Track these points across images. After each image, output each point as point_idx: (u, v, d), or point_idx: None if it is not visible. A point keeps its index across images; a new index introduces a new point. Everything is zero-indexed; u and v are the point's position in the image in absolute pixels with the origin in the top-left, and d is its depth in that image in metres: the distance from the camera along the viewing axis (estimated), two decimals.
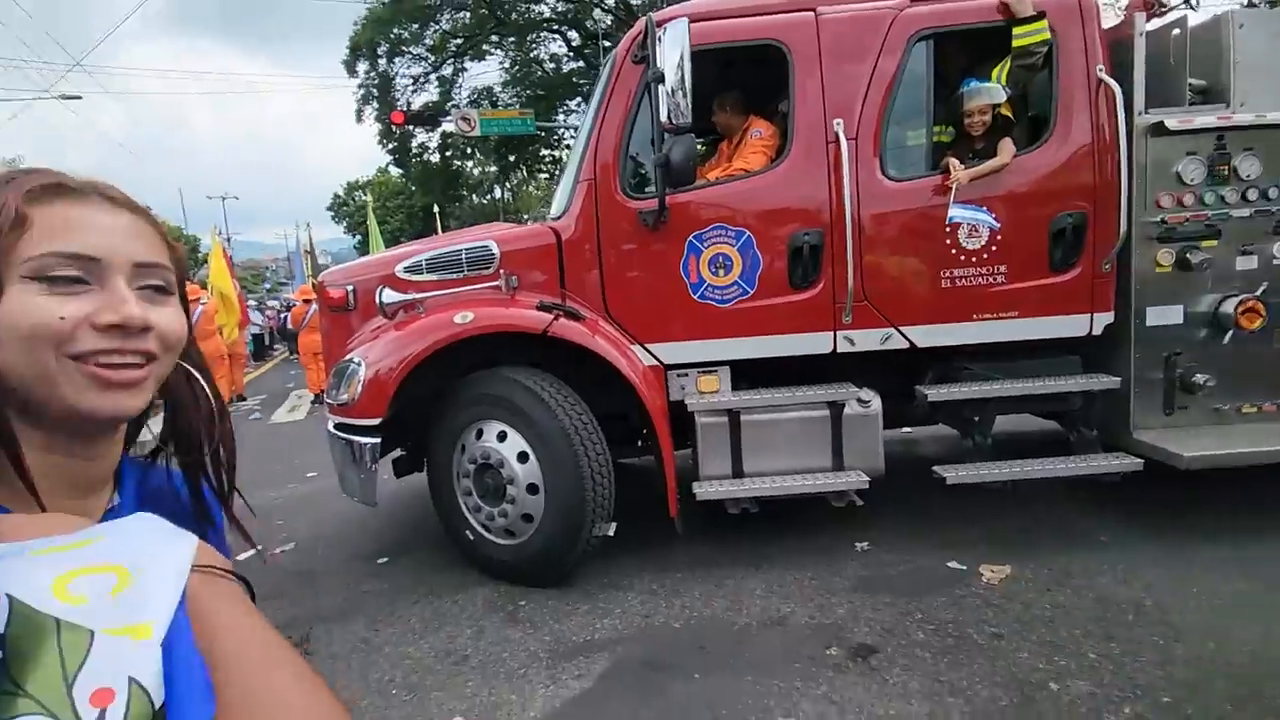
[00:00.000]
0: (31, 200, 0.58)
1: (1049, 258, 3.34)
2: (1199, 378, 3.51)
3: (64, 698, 0.29)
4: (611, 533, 3.30)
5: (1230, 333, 3.49)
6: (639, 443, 3.95)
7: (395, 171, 34.88)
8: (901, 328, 3.40)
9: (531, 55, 23.61)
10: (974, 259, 3.34)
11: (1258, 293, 3.46)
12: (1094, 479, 3.44)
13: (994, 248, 3.34)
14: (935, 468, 3.43)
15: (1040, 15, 3.18)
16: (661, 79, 2.91)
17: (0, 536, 0.43)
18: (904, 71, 3.33)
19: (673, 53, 2.88)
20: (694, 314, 3.37)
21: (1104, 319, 3.40)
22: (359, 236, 39.30)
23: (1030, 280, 3.36)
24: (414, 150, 28.03)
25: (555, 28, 21.47)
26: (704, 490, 3.31)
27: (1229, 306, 3.47)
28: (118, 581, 0.34)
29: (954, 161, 3.29)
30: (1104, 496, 3.87)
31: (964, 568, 3.35)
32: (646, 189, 3.53)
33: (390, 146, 27.32)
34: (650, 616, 3.14)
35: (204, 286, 10.70)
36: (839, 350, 3.41)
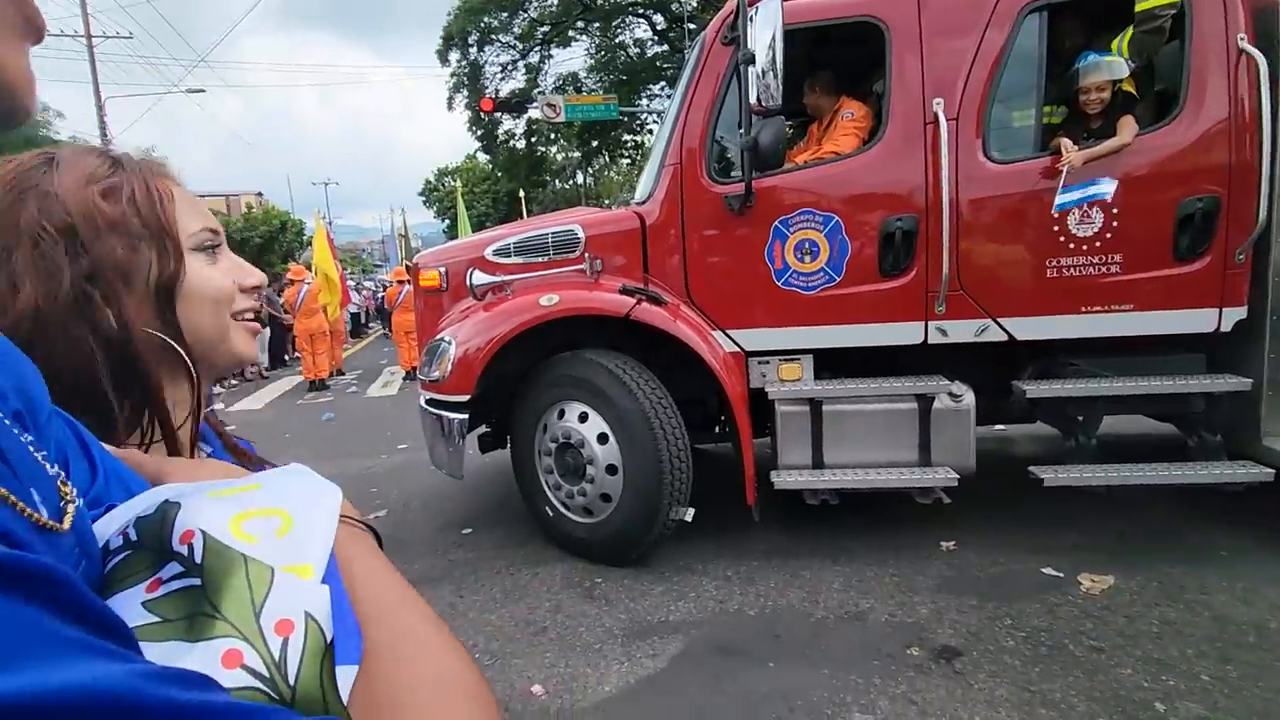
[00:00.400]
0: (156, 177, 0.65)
1: (1174, 246, 3.07)
2: None
3: (254, 625, 0.32)
4: (689, 518, 3.31)
5: None
6: (718, 429, 3.93)
7: (483, 158, 35.93)
8: (1000, 319, 3.22)
9: (616, 40, 23.69)
10: (1085, 247, 3.11)
11: None
12: (1215, 489, 3.16)
13: (1109, 235, 3.09)
14: (1032, 468, 3.24)
15: None
16: (752, 60, 2.85)
17: (169, 476, 0.48)
18: (1013, 46, 3.13)
19: (764, 33, 2.82)
20: (777, 301, 3.31)
21: (1235, 314, 3.10)
22: (448, 221, 40.82)
23: (1150, 271, 3.10)
24: (501, 137, 28.79)
25: (641, 11, 21.40)
26: (782, 480, 3.27)
27: None
28: (281, 524, 0.37)
29: (1066, 141, 3.07)
30: (1224, 508, 3.55)
31: (1060, 575, 3.16)
32: (732, 173, 3.48)
33: (479, 133, 28.17)
34: (725, 602, 3.14)
35: (308, 267, 11.41)
36: (930, 341, 3.27)
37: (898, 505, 3.68)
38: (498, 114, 24.73)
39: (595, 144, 28.08)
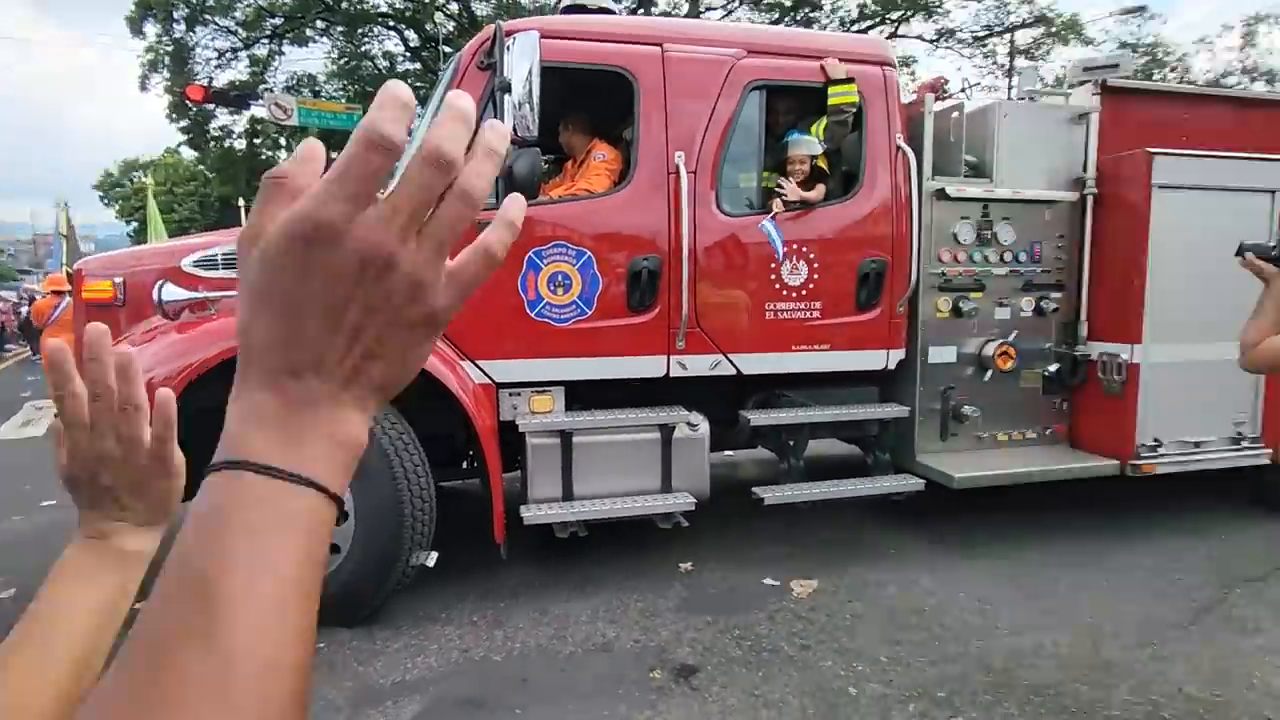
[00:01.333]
0: None
1: (856, 298, 3.71)
2: (967, 409, 4.08)
3: None
4: (431, 562, 3.07)
5: (990, 372, 4.11)
6: (465, 465, 3.74)
7: (188, 154, 30.68)
8: (730, 355, 3.57)
9: (363, 49, 22.14)
10: (795, 294, 3.62)
11: (1010, 339, 4.12)
12: (885, 498, 3.84)
13: (812, 285, 3.64)
14: (754, 489, 3.62)
15: (850, 79, 3.55)
16: (508, 89, 2.82)
17: None
18: (739, 116, 3.55)
19: (522, 64, 2.81)
20: (530, 332, 3.28)
21: (897, 355, 3.84)
22: (136, 224, 33.90)
23: (841, 317, 3.70)
24: (214, 133, 24.83)
25: (392, 25, 20.33)
26: (533, 514, 3.20)
27: (990, 349, 4.09)
28: None
29: (778, 202, 3.56)
30: (893, 513, 4.33)
31: (777, 583, 3.55)
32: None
33: (183, 124, 23.97)
34: (469, 650, 2.95)
35: None
36: (671, 374, 3.50)
37: (641, 532, 3.84)
38: (211, 106, 21.36)
39: (334, 156, 25.71)
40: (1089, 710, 2.58)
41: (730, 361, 3.57)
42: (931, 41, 18.26)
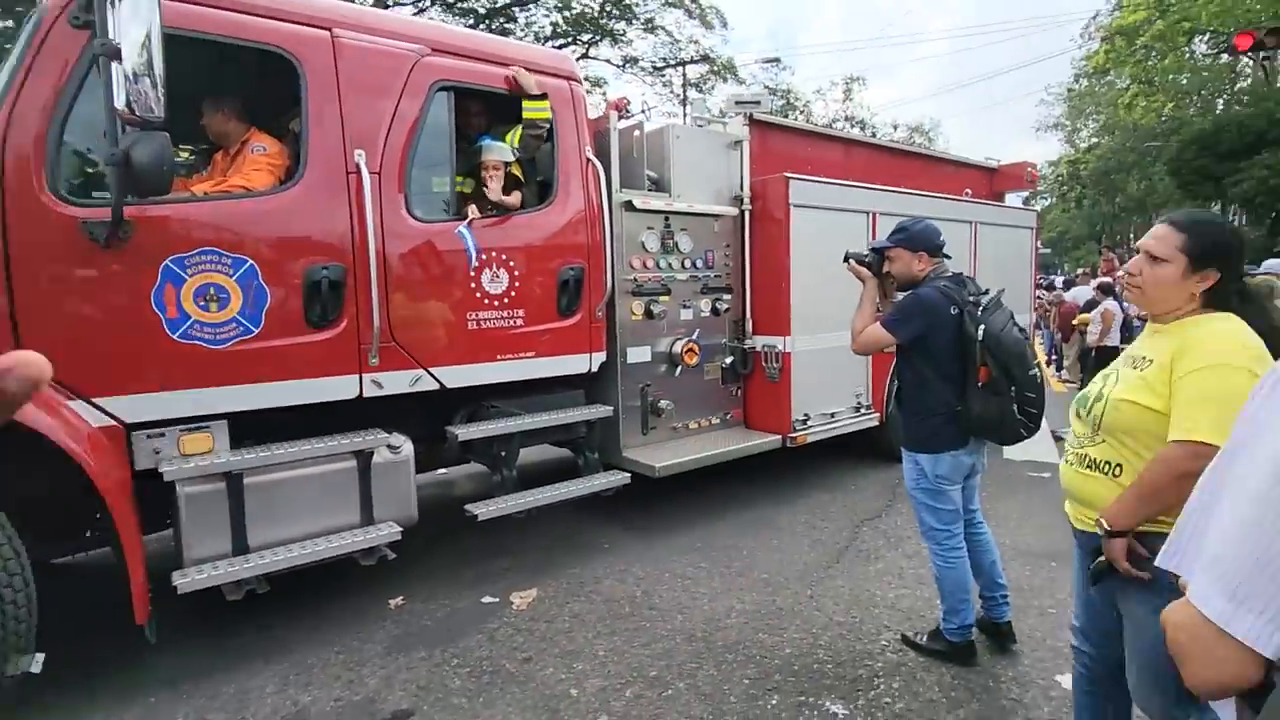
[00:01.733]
0: None
1: (557, 304, 3.78)
2: (663, 403, 4.46)
3: None
4: (36, 668, 2.32)
5: (679, 367, 4.55)
6: (89, 532, 2.94)
7: None
8: (431, 369, 3.37)
9: None
10: (497, 302, 3.55)
11: (694, 336, 4.61)
12: (597, 495, 3.99)
13: (514, 293, 3.61)
14: (467, 506, 3.48)
15: (544, 95, 3.61)
16: (117, 55, 2.24)
17: None
18: (427, 116, 3.36)
19: (135, 26, 2.26)
20: (173, 357, 2.68)
21: (599, 358, 4.02)
22: None
23: (544, 324, 3.74)
24: None
25: None
26: (190, 579, 2.62)
27: (678, 347, 4.52)
28: None
29: (473, 207, 3.47)
30: (606, 509, 4.54)
31: (497, 600, 3.46)
32: (98, 194, 2.69)
33: None
34: None
35: None
36: (366, 394, 3.17)
37: (342, 573, 3.43)
38: None
39: None
40: (769, 653, 2.97)
41: (432, 376, 3.37)
42: (619, 66, 19.86)
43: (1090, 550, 1.75)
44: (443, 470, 5.16)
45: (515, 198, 3.64)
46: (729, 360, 4.89)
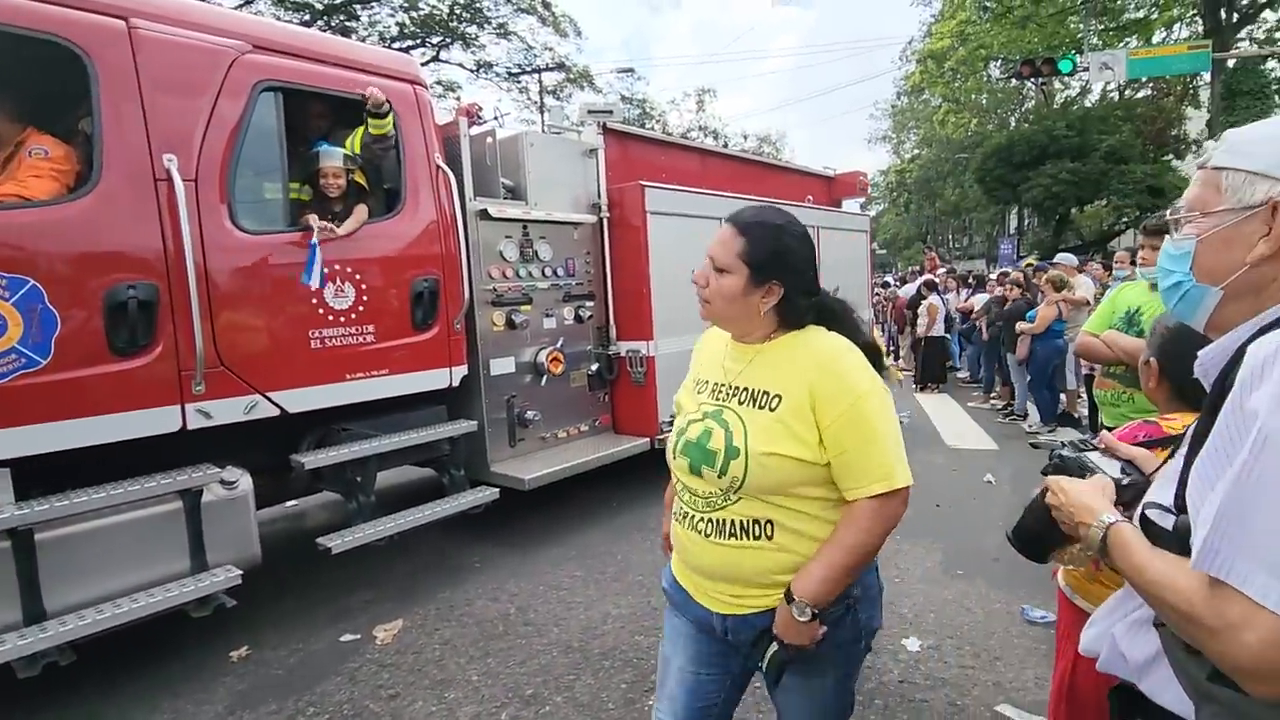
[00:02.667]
0: None
1: (411, 318, 3.61)
2: (530, 414, 4.39)
3: None
4: None
5: (545, 377, 4.50)
6: None
7: None
8: (270, 394, 3.08)
9: None
10: (343, 319, 3.32)
11: (558, 345, 4.58)
12: (466, 514, 3.85)
13: (362, 308, 3.40)
14: (319, 539, 3.22)
15: (389, 112, 3.42)
16: None
17: None
18: (251, 119, 3.08)
19: None
20: None
21: (460, 371, 3.88)
22: None
23: (397, 339, 3.55)
24: None
25: None
26: None
27: (542, 356, 4.47)
28: None
29: (314, 218, 3.22)
30: (477, 527, 4.39)
31: (358, 636, 3.23)
32: None
33: None
34: None
35: None
36: (191, 427, 2.84)
37: (173, 628, 3.05)
38: None
39: None
40: (646, 655, 2.98)
41: (271, 401, 3.08)
42: (472, 71, 19.40)
43: (752, 633, 1.38)
44: (292, 502, 4.75)
45: (359, 214, 3.41)
46: (594, 367, 4.91)
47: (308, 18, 16.46)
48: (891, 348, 12.85)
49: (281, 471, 3.35)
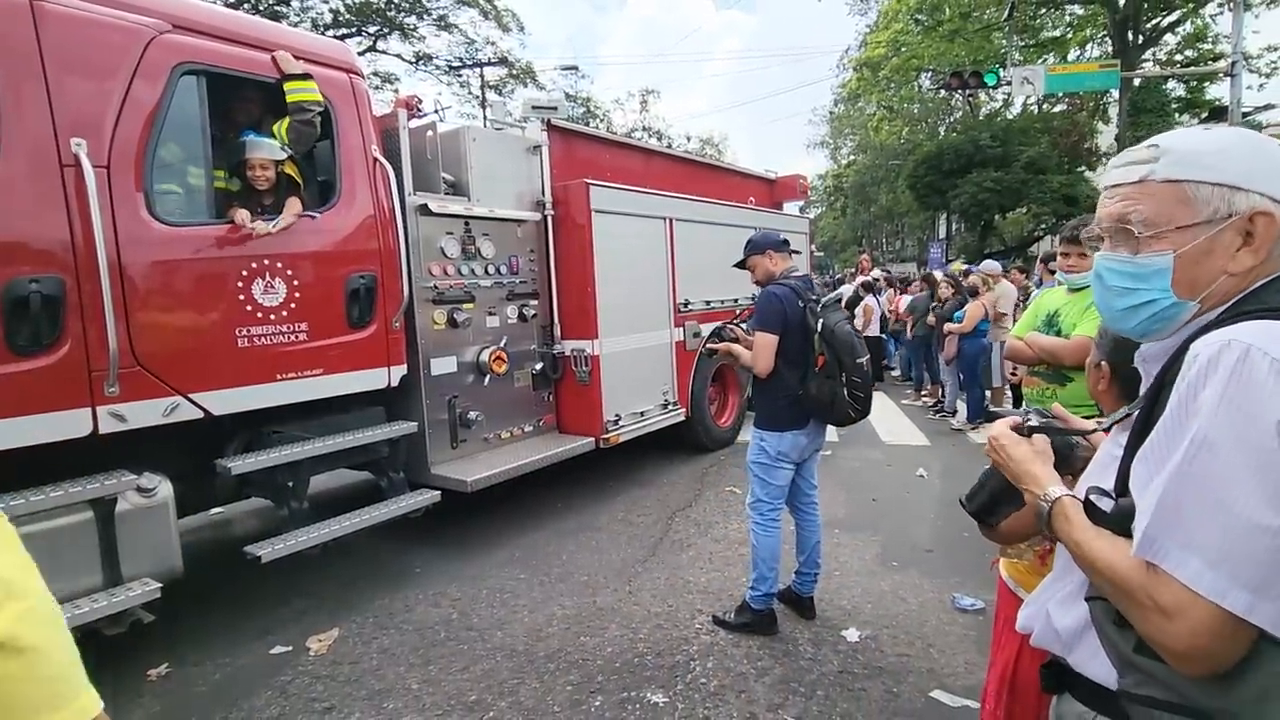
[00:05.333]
0: None
1: (347, 315, 3.47)
2: (472, 414, 4.30)
3: None
4: None
5: (488, 376, 4.41)
6: None
7: None
8: (192, 395, 2.91)
9: None
10: (274, 316, 3.17)
11: (502, 344, 4.50)
12: (404, 517, 3.73)
13: (294, 305, 3.24)
14: (247, 548, 3.07)
15: (308, 75, 3.27)
16: None
17: None
18: (170, 103, 2.90)
19: None
20: None
21: (399, 371, 3.76)
22: None
23: (332, 337, 3.41)
24: None
25: None
26: None
27: (485, 356, 4.39)
28: None
29: (243, 213, 3.06)
30: (418, 530, 4.27)
31: (290, 648, 3.09)
32: None
33: None
34: None
35: None
36: (104, 430, 2.65)
37: (84, 647, 2.84)
38: None
39: None
40: (592, 655, 2.98)
41: (193, 403, 2.91)
42: (411, 63, 18.87)
43: None
44: (218, 510, 4.51)
45: (291, 208, 3.25)
46: (539, 366, 4.85)
47: (234, 3, 15.67)
48: None
49: (206, 477, 3.17)
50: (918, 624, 3.18)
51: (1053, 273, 5.37)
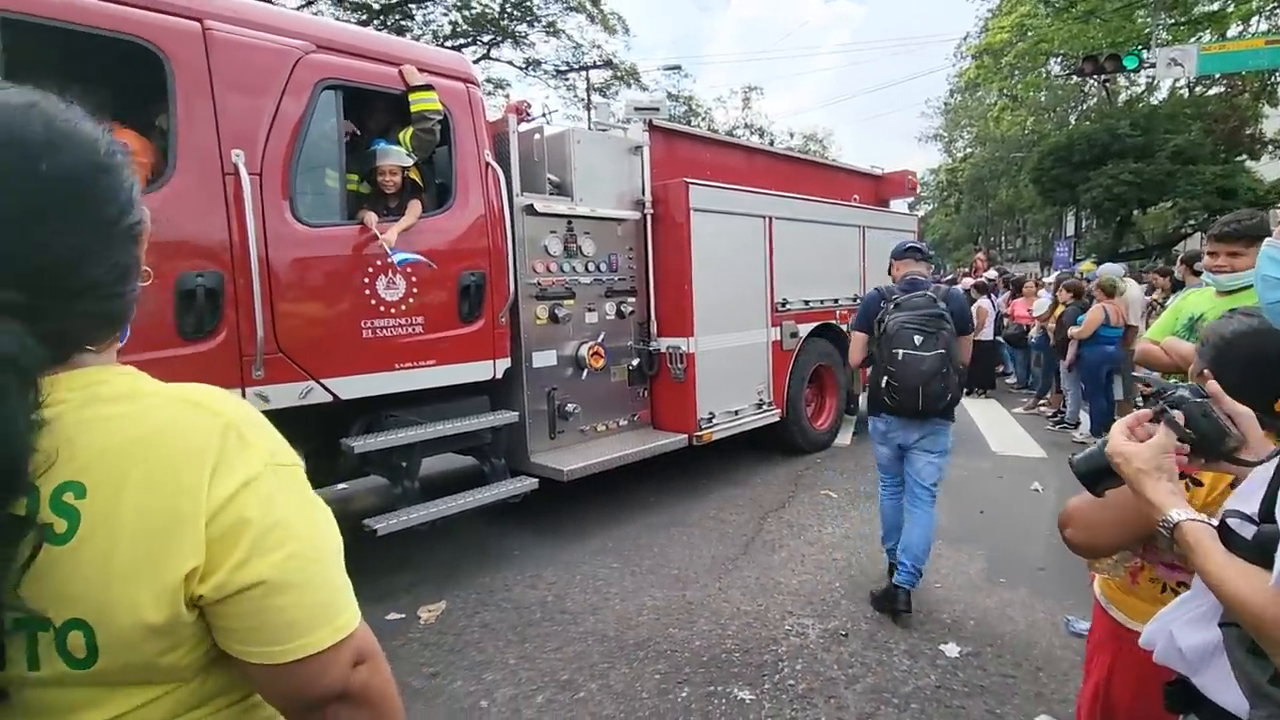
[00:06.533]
0: None
1: (458, 310, 3.71)
2: (570, 406, 4.47)
3: None
4: None
5: (585, 370, 4.57)
6: None
7: None
8: (323, 380, 3.22)
9: None
10: (393, 310, 3.44)
11: (599, 339, 4.64)
12: (504, 502, 3.93)
13: (411, 300, 3.51)
14: (365, 520, 3.35)
15: (429, 86, 3.52)
16: None
17: None
18: (312, 116, 3.21)
19: None
20: None
21: (503, 364, 3.96)
22: None
23: (444, 331, 3.65)
24: None
25: None
26: None
27: (583, 350, 4.54)
28: None
29: (371, 216, 3.35)
30: (516, 515, 4.49)
31: (403, 615, 3.36)
32: None
33: None
34: None
35: None
36: None
37: None
38: None
39: None
40: (680, 647, 3.04)
41: (324, 387, 3.21)
42: (521, 69, 19.65)
43: None
44: (341, 485, 4.93)
45: (414, 210, 3.52)
46: (635, 362, 4.95)
47: (365, 17, 16.92)
48: None
49: (331, 455, 3.49)
50: (1025, 645, 3.01)
51: (1197, 274, 4.87)
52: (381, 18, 17.25)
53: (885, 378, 3.16)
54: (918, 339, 3.09)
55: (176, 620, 0.63)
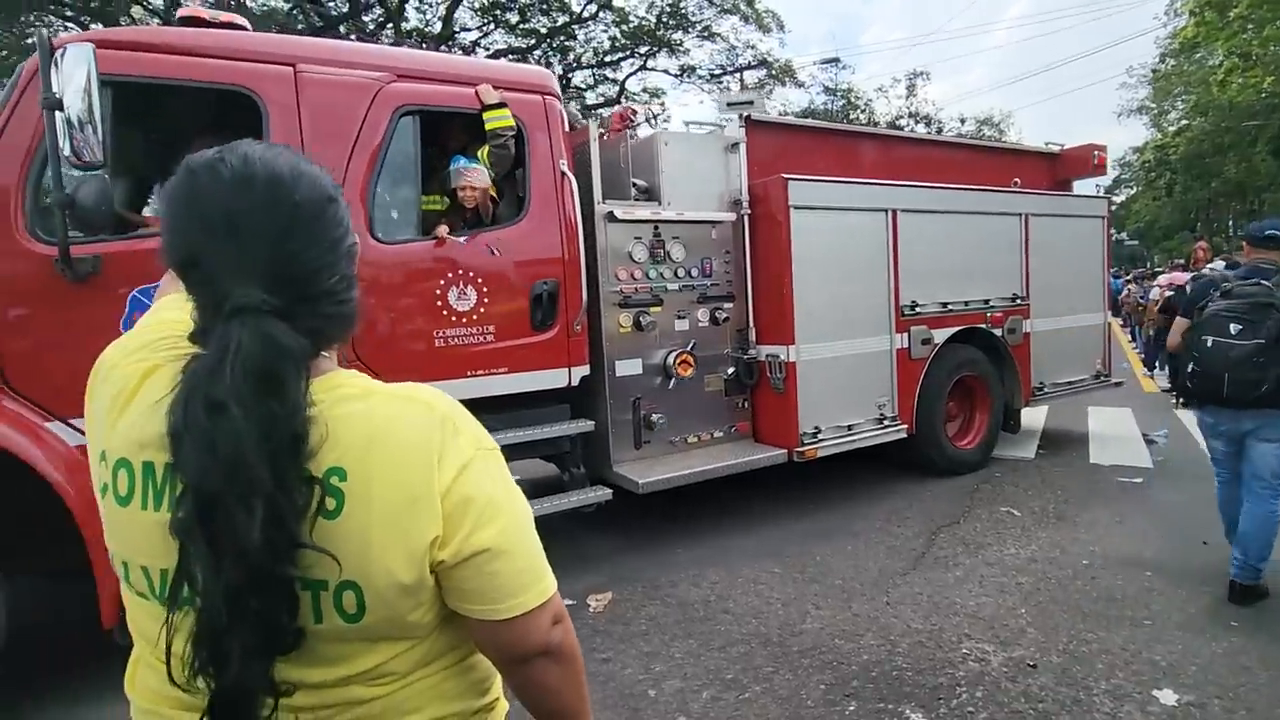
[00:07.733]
0: None
1: (531, 319, 3.76)
2: (656, 417, 4.35)
3: None
4: None
5: (673, 380, 4.42)
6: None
7: None
8: None
9: (27, 41, 18.58)
10: (464, 319, 3.57)
11: (689, 348, 4.47)
12: (580, 510, 3.92)
13: (483, 309, 3.62)
14: None
15: (503, 104, 3.62)
16: (58, 106, 2.44)
17: None
18: (390, 142, 3.44)
19: (75, 79, 2.45)
20: None
21: (580, 371, 3.96)
22: None
23: (516, 339, 3.73)
24: None
25: (69, 14, 17.18)
26: None
27: (671, 359, 4.40)
28: None
29: (443, 227, 3.52)
30: (678, 520, 4.59)
31: (574, 602, 3.51)
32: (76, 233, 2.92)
33: None
34: None
35: None
36: None
37: None
38: None
39: None
40: (846, 659, 2.91)
41: None
42: (676, 76, 19.83)
43: None
44: None
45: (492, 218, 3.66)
46: (731, 371, 4.71)
47: (534, 41, 18.11)
48: (1144, 356, 10.59)
49: None
50: (1268, 702, 2.45)
51: None
52: (549, 40, 18.35)
53: (1190, 364, 3.22)
54: (1234, 327, 3.11)
55: (421, 581, 0.75)
